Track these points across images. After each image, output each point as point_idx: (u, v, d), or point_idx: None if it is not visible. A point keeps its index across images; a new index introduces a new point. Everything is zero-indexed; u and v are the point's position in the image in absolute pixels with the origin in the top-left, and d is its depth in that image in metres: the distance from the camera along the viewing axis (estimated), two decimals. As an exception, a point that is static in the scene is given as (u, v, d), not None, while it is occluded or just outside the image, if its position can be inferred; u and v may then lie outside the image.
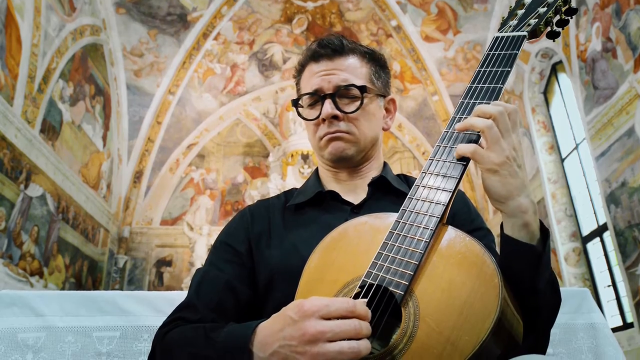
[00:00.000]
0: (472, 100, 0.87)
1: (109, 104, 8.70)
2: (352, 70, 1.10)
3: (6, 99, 5.74)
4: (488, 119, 0.80)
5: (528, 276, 0.79)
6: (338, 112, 1.06)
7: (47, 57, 6.59)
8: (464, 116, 0.87)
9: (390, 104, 1.19)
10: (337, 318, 0.68)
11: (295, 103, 1.14)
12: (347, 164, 1.12)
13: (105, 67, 8.45)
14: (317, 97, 1.09)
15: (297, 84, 1.18)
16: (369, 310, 0.70)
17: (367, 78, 1.11)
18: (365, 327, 0.68)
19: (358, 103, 1.08)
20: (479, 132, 0.81)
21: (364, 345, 0.67)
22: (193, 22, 8.93)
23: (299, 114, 1.14)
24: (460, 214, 1.06)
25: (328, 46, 1.11)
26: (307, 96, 1.11)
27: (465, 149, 0.80)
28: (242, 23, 9.27)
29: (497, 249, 1.02)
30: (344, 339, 0.66)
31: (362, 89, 1.08)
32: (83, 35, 7.55)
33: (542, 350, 0.87)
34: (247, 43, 9.57)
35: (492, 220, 8.71)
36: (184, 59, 9.25)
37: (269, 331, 0.72)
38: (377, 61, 1.16)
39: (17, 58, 5.95)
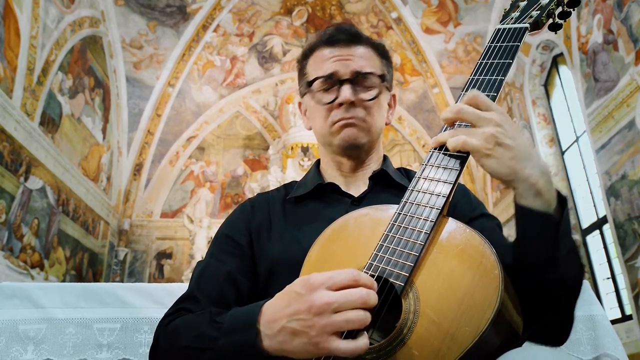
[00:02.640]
0: (472, 92, 0.87)
1: (108, 96, 8.68)
2: (367, 59, 1.09)
3: (5, 92, 5.73)
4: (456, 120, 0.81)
5: (548, 246, 0.77)
6: (355, 99, 1.05)
7: (46, 49, 6.57)
8: None
9: (392, 99, 1.20)
10: (343, 288, 0.68)
11: (310, 85, 1.10)
12: (356, 152, 1.10)
13: (104, 59, 8.42)
14: (333, 81, 1.07)
15: (303, 67, 1.15)
16: (374, 280, 0.70)
17: (380, 70, 1.11)
18: (373, 295, 0.68)
19: (375, 91, 1.08)
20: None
21: (369, 315, 0.67)
22: (192, 14, 8.89)
23: (311, 97, 1.11)
24: (461, 204, 1.05)
25: (344, 32, 1.10)
26: (321, 80, 1.08)
27: (454, 142, 0.78)
28: (242, 15, 9.23)
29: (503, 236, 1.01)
30: (352, 308, 0.66)
31: (382, 77, 1.09)
32: (82, 27, 7.52)
33: (566, 333, 0.85)
34: (246, 35, 9.53)
35: (492, 213, 8.72)
36: (183, 51, 9.21)
37: (276, 308, 0.73)
38: (385, 56, 1.16)
39: (16, 50, 5.93)
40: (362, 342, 0.67)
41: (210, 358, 0.78)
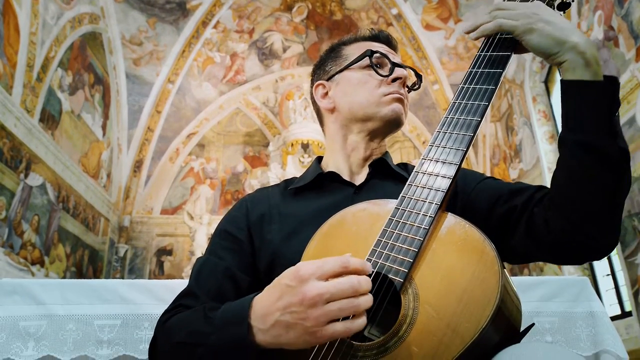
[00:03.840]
0: (472, 85, 0.87)
1: (108, 93, 8.67)
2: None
3: (5, 88, 5.72)
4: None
5: (605, 117, 0.76)
6: (408, 81, 1.12)
7: (45, 45, 6.55)
8: (464, 102, 0.86)
9: None
10: (334, 276, 0.68)
11: (357, 61, 1.11)
12: (393, 131, 1.13)
13: (104, 55, 8.40)
14: (386, 60, 1.10)
15: (339, 51, 1.17)
16: (365, 262, 0.70)
17: None
18: (365, 280, 0.68)
19: (418, 85, 1.16)
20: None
21: (365, 300, 0.67)
22: (192, 10, 8.87)
23: (354, 72, 1.12)
24: (461, 182, 1.03)
25: (388, 36, 1.17)
26: (377, 55, 1.10)
27: (487, 27, 0.85)
28: (242, 11, 9.21)
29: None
30: (344, 297, 0.66)
31: (421, 77, 1.17)
32: (82, 23, 7.51)
33: (613, 240, 0.83)
34: (246, 31, 9.51)
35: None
36: (183, 48, 9.20)
37: (267, 302, 0.73)
38: None
39: (16, 47, 5.92)
40: (361, 321, 0.67)
41: (204, 353, 0.78)
